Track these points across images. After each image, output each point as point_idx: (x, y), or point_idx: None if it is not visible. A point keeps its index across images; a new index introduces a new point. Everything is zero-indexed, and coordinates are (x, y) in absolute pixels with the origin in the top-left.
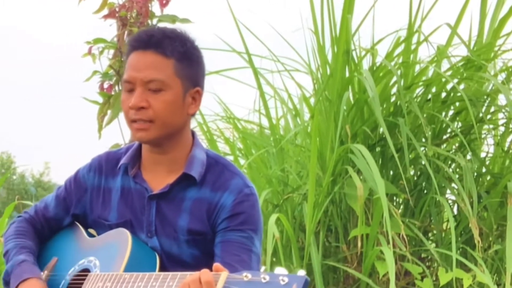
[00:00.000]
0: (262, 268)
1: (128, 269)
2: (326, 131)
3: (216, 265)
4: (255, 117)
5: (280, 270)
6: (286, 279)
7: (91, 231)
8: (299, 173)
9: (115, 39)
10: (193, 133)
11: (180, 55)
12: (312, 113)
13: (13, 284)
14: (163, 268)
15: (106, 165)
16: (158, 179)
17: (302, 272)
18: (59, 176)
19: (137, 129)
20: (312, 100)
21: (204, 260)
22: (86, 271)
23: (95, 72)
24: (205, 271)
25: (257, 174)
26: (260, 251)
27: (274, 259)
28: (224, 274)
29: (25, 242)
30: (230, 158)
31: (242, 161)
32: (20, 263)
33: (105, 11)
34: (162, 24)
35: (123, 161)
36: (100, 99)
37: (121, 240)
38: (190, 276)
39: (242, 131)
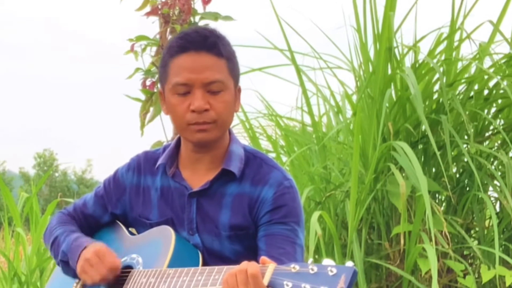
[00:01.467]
0: (310, 260)
1: (171, 265)
2: (369, 128)
3: (263, 258)
4: (297, 114)
5: (328, 261)
6: (335, 270)
7: (132, 230)
8: (341, 171)
9: (158, 37)
10: (229, 129)
11: (229, 54)
12: (354, 110)
13: (74, 257)
14: (205, 265)
15: (144, 164)
16: (197, 177)
17: (350, 263)
18: (101, 173)
19: (198, 130)
20: (354, 98)
21: (246, 255)
22: (128, 268)
23: (137, 69)
24: (252, 263)
25: (299, 171)
26: (304, 242)
27: (316, 257)
28: (272, 266)
29: (71, 228)
30: (272, 155)
31: (284, 159)
32: (75, 240)
33: (148, 9)
34: (204, 22)
35: (160, 161)
36: (143, 97)
37: (165, 237)
38: (237, 267)
39: (284, 128)
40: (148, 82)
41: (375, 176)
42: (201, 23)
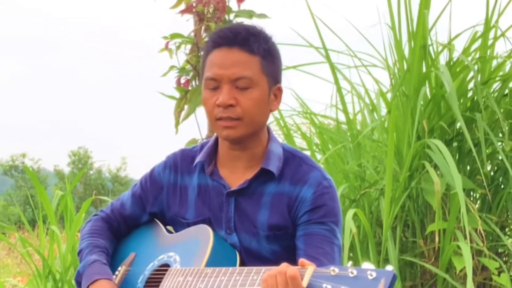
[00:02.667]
0: (349, 263)
1: (209, 265)
2: (403, 126)
3: (302, 260)
4: (332, 112)
5: (367, 265)
6: (374, 274)
7: (170, 228)
8: (376, 168)
9: (192, 34)
10: (268, 128)
11: (265, 52)
12: (389, 108)
13: (84, 286)
14: (242, 265)
15: (181, 162)
16: (235, 176)
17: (390, 267)
18: (136, 171)
19: (224, 127)
20: (389, 95)
21: (284, 255)
22: (165, 266)
23: (172, 67)
24: (292, 266)
25: (334, 169)
26: (342, 243)
27: (351, 254)
28: (311, 269)
29: (97, 241)
30: (307, 153)
31: (319, 156)
32: (91, 264)
33: (182, 6)
34: (238, 19)
35: (198, 159)
36: (177, 94)
37: (203, 236)
38: (276, 268)
39: (319, 126)
40: (182, 80)
41: (410, 174)
42: (236, 21)
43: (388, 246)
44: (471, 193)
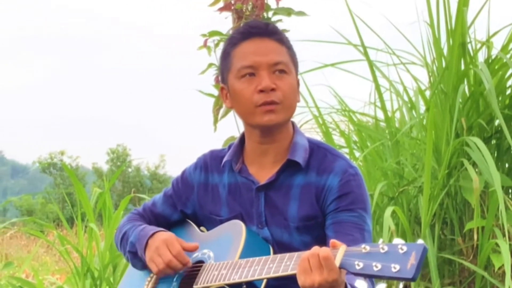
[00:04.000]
0: (380, 240)
1: (242, 257)
2: (442, 124)
3: (333, 241)
4: (370, 109)
5: (398, 240)
6: (405, 248)
7: (202, 228)
8: (414, 166)
9: (231, 32)
10: (292, 121)
11: (289, 44)
12: (427, 106)
13: (141, 247)
14: None
15: (211, 162)
16: (263, 171)
17: (420, 241)
18: (175, 169)
19: (266, 111)
20: (427, 93)
21: (315, 245)
22: (200, 263)
23: (210, 64)
24: (323, 247)
25: (372, 166)
26: (371, 228)
27: None
28: (343, 248)
29: (140, 223)
30: (345, 150)
31: (357, 154)
32: (142, 230)
33: (221, 4)
34: (277, 17)
35: (226, 158)
36: (216, 92)
37: (235, 231)
38: (308, 251)
39: (357, 123)
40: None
41: (448, 172)
42: (274, 18)
43: (426, 244)
44: (510, 190)
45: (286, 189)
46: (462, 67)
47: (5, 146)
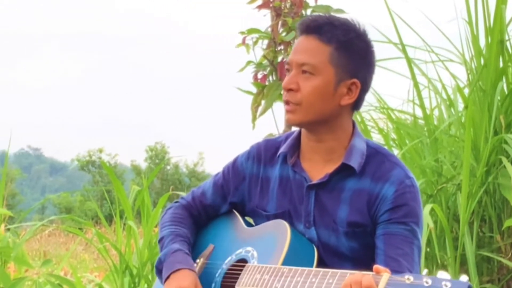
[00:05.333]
0: (425, 271)
1: (286, 262)
2: (480, 121)
3: (377, 266)
4: (408, 107)
5: (442, 274)
6: (449, 284)
7: (248, 219)
8: (453, 163)
9: (269, 30)
10: (353, 123)
11: (340, 44)
12: (466, 103)
13: (165, 273)
14: (320, 260)
15: (265, 153)
16: (315, 169)
17: (465, 278)
18: (213, 166)
19: (286, 110)
20: (466, 91)
21: (362, 252)
22: (243, 261)
23: (249, 62)
24: (366, 275)
25: (411, 164)
26: (422, 243)
27: (428, 250)
28: (386, 276)
29: (180, 230)
30: None
31: (395, 152)
32: (174, 252)
33: (259, 2)
34: (315, 14)
35: (282, 149)
36: (254, 90)
37: (280, 232)
38: (351, 276)
39: (396, 121)
40: (259, 75)
41: (487, 169)
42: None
43: (465, 241)
44: None
45: (338, 191)
46: (501, 64)
47: (44, 144)
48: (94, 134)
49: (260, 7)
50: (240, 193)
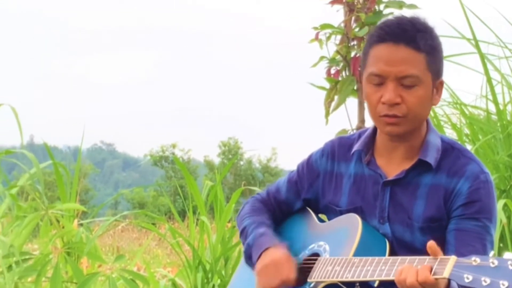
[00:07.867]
0: (491, 253)
1: (357, 253)
2: None
3: (431, 245)
4: (482, 102)
5: (509, 255)
6: None
7: (321, 216)
8: None
9: (342, 25)
10: (427, 119)
11: (431, 49)
12: None
13: (255, 255)
14: (393, 255)
15: (338, 150)
16: (392, 165)
17: None
18: (286, 161)
19: (388, 123)
20: None
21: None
22: (316, 255)
23: (322, 57)
24: (422, 270)
25: (484, 159)
26: (494, 239)
27: (501, 245)
28: (453, 259)
29: (261, 218)
30: None
31: (468, 147)
32: (261, 236)
33: None
34: (388, 10)
35: (356, 147)
36: (327, 85)
37: (351, 225)
38: (407, 267)
39: (469, 116)
40: (332, 71)
41: None
42: (386, 11)
43: None
44: None
45: (414, 187)
46: None
47: (117, 139)
48: (167, 129)
49: (333, 2)
50: (314, 190)
